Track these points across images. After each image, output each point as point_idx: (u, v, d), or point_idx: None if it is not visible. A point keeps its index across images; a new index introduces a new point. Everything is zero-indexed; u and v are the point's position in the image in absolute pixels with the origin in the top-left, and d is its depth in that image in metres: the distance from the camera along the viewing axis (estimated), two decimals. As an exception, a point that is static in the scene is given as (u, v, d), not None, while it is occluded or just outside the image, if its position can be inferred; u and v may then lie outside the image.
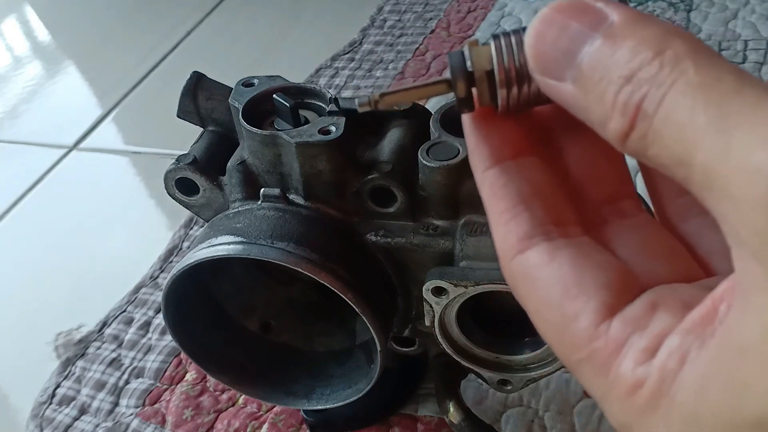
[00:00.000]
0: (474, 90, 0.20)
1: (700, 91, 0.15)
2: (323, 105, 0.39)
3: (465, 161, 0.36)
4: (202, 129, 0.44)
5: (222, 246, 0.38)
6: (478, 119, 0.20)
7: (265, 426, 0.52)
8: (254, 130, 0.38)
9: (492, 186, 0.20)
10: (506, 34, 0.19)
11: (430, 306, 0.38)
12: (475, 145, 0.20)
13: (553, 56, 0.17)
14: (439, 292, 0.37)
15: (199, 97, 0.42)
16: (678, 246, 0.20)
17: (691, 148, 0.15)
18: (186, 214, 0.71)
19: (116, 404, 0.56)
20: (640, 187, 0.23)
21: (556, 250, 0.18)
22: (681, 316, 0.16)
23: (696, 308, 0.16)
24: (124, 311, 0.63)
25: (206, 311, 0.46)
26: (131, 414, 0.55)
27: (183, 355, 0.58)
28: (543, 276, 0.18)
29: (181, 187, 0.42)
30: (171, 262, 0.67)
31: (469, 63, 0.20)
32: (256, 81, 0.40)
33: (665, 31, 0.16)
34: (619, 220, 0.20)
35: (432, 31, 0.90)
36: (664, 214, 0.21)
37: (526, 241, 0.19)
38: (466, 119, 0.21)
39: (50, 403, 0.57)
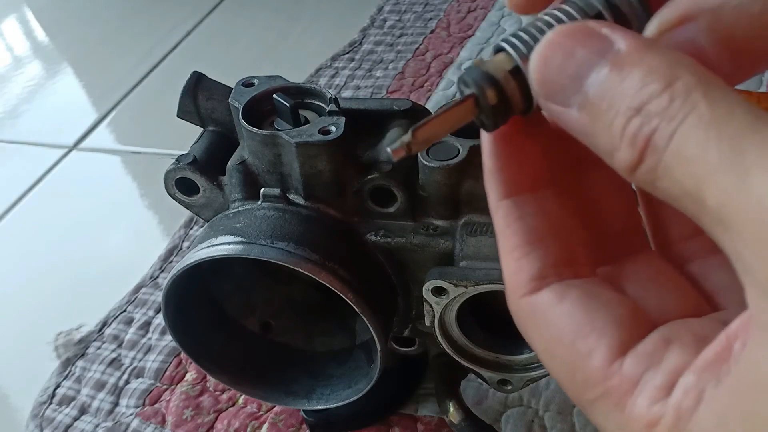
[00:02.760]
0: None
1: (713, 126, 0.14)
2: (323, 105, 0.39)
3: (465, 161, 0.36)
4: (202, 129, 0.44)
5: (222, 246, 0.38)
6: (499, 141, 0.20)
7: (265, 426, 0.52)
8: (254, 130, 0.38)
9: (506, 218, 0.20)
10: (512, 36, 0.19)
11: (430, 306, 0.38)
12: (491, 170, 0.20)
13: (559, 82, 0.17)
14: (439, 292, 0.37)
15: (199, 97, 0.42)
16: (683, 281, 0.20)
17: (704, 185, 0.14)
18: (186, 214, 0.71)
19: (116, 404, 0.56)
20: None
21: (566, 290, 0.18)
22: (694, 351, 0.16)
23: (710, 345, 0.16)
24: (124, 311, 0.63)
25: (206, 311, 0.46)
26: (131, 414, 0.55)
27: (183, 355, 0.58)
28: (553, 316, 0.18)
29: (181, 187, 0.42)
30: (171, 262, 0.67)
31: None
32: (256, 81, 0.40)
33: (674, 61, 0.16)
34: (627, 255, 0.21)
35: (432, 31, 0.90)
36: (667, 254, 0.21)
37: (537, 281, 0.19)
38: (486, 140, 0.20)
39: (50, 403, 0.57)
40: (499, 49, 0.19)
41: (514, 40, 0.19)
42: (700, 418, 0.15)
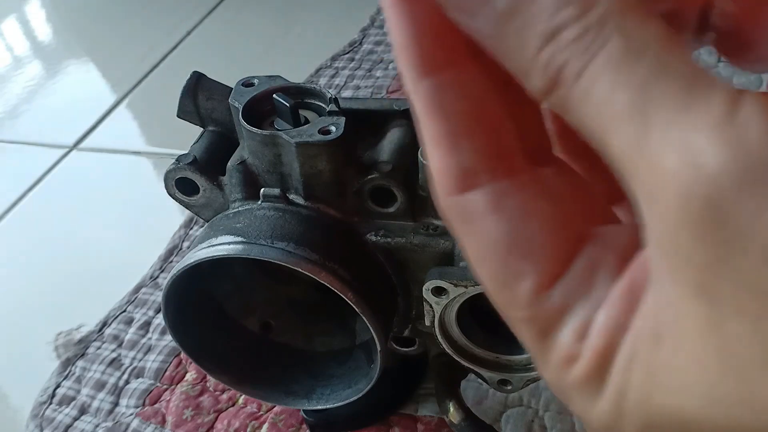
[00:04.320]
0: None
1: (623, 68, 0.14)
2: (323, 105, 0.39)
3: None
4: (202, 129, 0.44)
5: (222, 246, 0.38)
6: (409, 3, 0.17)
7: (265, 426, 0.52)
8: (254, 130, 0.38)
9: (428, 102, 0.17)
10: None
11: (430, 306, 0.38)
12: (404, 44, 0.17)
13: None
14: (439, 292, 0.37)
15: (199, 97, 0.42)
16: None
17: (607, 132, 0.14)
18: (186, 214, 0.71)
19: (116, 404, 0.56)
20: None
21: (502, 197, 0.16)
22: (616, 273, 0.15)
23: (619, 280, 0.15)
24: (124, 311, 0.63)
25: (206, 311, 0.46)
26: (131, 414, 0.55)
27: (183, 355, 0.58)
28: (486, 225, 0.16)
29: (181, 187, 0.42)
30: (171, 262, 0.67)
31: None
32: (256, 81, 0.40)
33: None
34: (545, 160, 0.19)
35: (432, 31, 0.90)
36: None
37: (468, 178, 0.17)
38: (393, 5, 0.17)
39: (50, 403, 0.57)
40: None
41: None
42: (616, 359, 0.15)
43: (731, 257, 0.12)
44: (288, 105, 0.38)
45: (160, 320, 0.62)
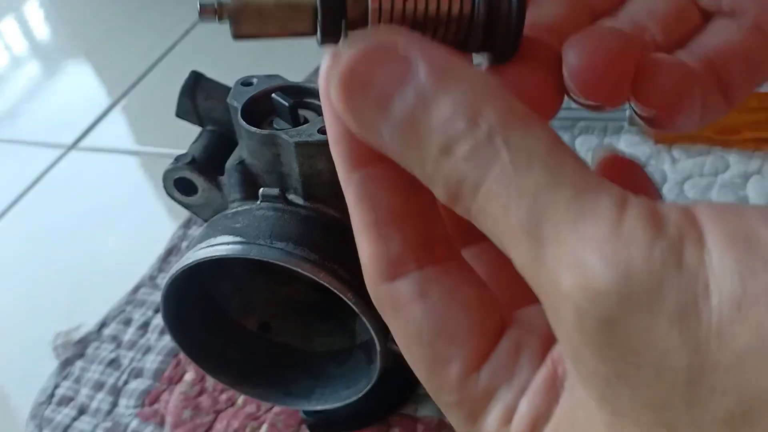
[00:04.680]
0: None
1: (513, 183, 0.14)
2: (322, 104, 0.39)
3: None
4: (200, 129, 0.44)
5: (221, 246, 0.38)
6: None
7: (265, 426, 0.52)
8: (253, 129, 0.37)
9: (358, 192, 0.18)
10: None
11: (430, 306, 0.38)
12: (338, 139, 0.18)
13: (365, 109, 0.16)
14: (438, 292, 0.37)
15: (197, 96, 0.42)
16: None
17: (508, 246, 0.14)
18: (185, 214, 0.71)
19: (115, 404, 0.56)
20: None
21: (428, 284, 0.17)
22: (539, 359, 0.16)
23: (541, 368, 0.16)
24: (123, 311, 0.63)
25: (206, 311, 0.45)
26: (130, 414, 0.55)
27: (182, 356, 0.58)
28: (413, 312, 0.17)
29: (179, 186, 0.42)
30: (170, 262, 0.67)
31: None
32: (255, 80, 0.40)
33: (475, 93, 0.15)
34: (471, 239, 0.20)
35: (431, 30, 0.90)
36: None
37: (396, 267, 0.17)
38: (328, 102, 0.17)
39: (49, 404, 0.57)
40: None
41: None
42: None
43: (627, 373, 0.13)
44: (287, 104, 0.38)
45: (159, 320, 0.62)
